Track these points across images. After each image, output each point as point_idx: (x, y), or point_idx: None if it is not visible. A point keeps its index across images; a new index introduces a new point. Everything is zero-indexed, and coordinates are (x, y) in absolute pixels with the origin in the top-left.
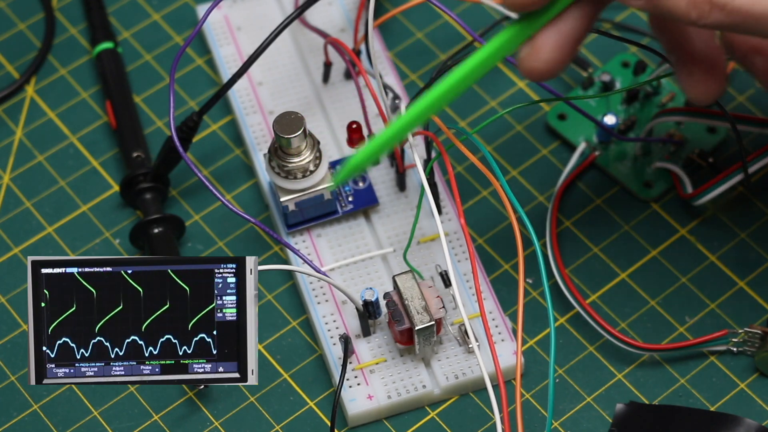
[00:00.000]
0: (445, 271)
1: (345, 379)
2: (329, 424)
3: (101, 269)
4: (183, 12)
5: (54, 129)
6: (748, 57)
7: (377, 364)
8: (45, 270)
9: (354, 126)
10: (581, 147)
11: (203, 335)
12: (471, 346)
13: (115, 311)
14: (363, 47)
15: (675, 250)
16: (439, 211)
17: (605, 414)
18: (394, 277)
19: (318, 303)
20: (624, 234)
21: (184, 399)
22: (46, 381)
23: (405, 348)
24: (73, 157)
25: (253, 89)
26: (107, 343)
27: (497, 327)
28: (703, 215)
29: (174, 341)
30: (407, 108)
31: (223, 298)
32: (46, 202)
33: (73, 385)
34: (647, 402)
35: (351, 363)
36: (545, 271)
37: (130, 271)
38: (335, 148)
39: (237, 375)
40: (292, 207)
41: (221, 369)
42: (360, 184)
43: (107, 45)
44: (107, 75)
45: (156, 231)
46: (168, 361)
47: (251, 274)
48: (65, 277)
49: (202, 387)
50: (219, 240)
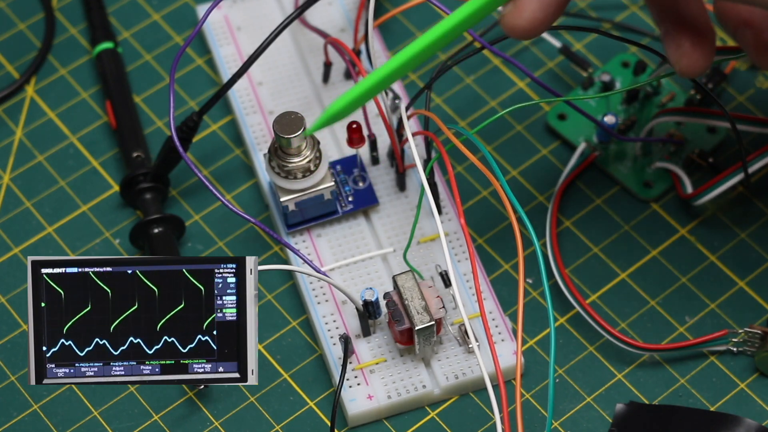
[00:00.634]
0: (445, 271)
1: (345, 379)
2: (329, 424)
3: (101, 269)
4: (183, 12)
5: (54, 129)
6: (738, 30)
7: (377, 364)
8: (45, 270)
9: (354, 126)
10: (581, 147)
11: (203, 335)
12: (471, 346)
13: (115, 311)
14: (363, 47)
15: (675, 250)
16: (439, 211)
17: (605, 414)
18: (394, 277)
19: (318, 303)
20: (624, 234)
21: (184, 399)
22: (46, 381)
23: (405, 348)
24: (73, 157)
25: (253, 89)
26: (107, 343)
27: (497, 327)
28: (703, 215)
29: (174, 341)
30: (390, 59)
31: (223, 298)
32: (46, 202)
33: (73, 385)
34: (647, 402)
35: (351, 363)
36: (545, 271)
37: (130, 271)
38: (335, 148)
39: (237, 375)
40: (292, 207)
41: (221, 369)
42: (360, 184)
43: (107, 45)
44: (107, 75)
45: (156, 231)
46: (168, 361)
47: (251, 274)
48: (65, 277)
49: (202, 387)
50: (219, 240)
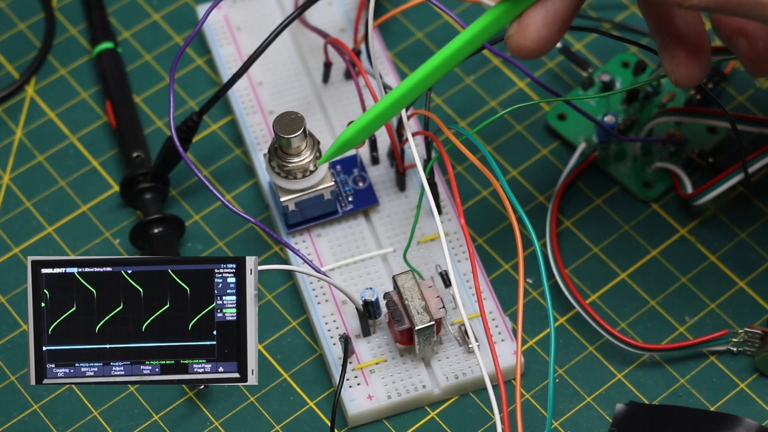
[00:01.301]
0: (445, 271)
1: (345, 379)
2: (329, 424)
3: (101, 269)
4: (183, 12)
5: (54, 129)
6: (732, 39)
7: (377, 364)
8: (45, 270)
9: None
10: (581, 147)
11: (203, 335)
12: (471, 346)
13: (115, 311)
14: (363, 47)
15: (675, 250)
16: (439, 211)
17: (605, 414)
18: (394, 277)
19: (318, 303)
20: (624, 234)
21: (184, 399)
22: (46, 381)
23: (405, 348)
24: (73, 157)
25: (253, 89)
26: (107, 343)
27: (497, 327)
28: (703, 215)
29: (174, 341)
30: (397, 86)
31: (223, 298)
32: (46, 202)
33: (73, 385)
34: (647, 402)
35: (351, 363)
36: (545, 271)
37: (130, 271)
38: None
39: (237, 375)
40: (292, 207)
41: (221, 369)
42: (360, 184)
43: (107, 45)
44: (107, 75)
45: (156, 231)
46: (168, 361)
47: (251, 274)
48: (65, 277)
49: (202, 387)
50: (219, 240)
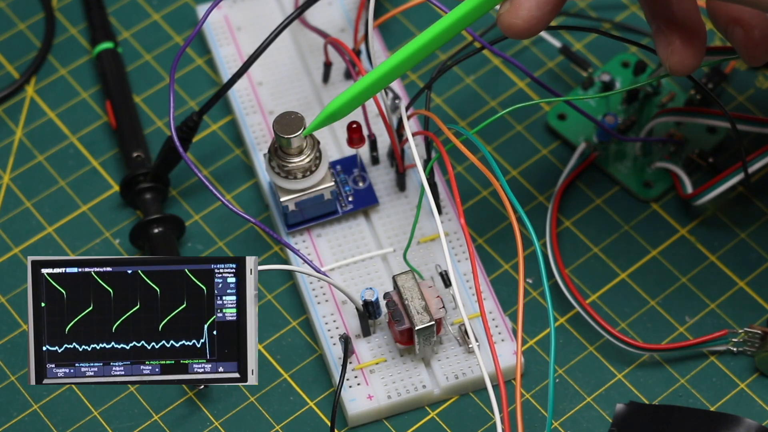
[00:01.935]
0: (445, 271)
1: (345, 379)
2: (329, 424)
3: (101, 269)
4: (183, 12)
5: (54, 129)
6: (728, 28)
7: (377, 364)
8: (45, 270)
9: (354, 126)
10: (581, 147)
11: (203, 335)
12: (471, 346)
13: (115, 311)
14: (363, 47)
15: (675, 250)
16: (439, 211)
17: (605, 414)
18: (394, 277)
19: (318, 303)
20: (624, 234)
21: (184, 399)
22: (46, 381)
23: (405, 348)
24: (73, 157)
25: (253, 89)
26: (107, 343)
27: (497, 327)
28: (703, 215)
29: (174, 341)
30: (388, 57)
31: (223, 298)
32: (46, 202)
33: (73, 385)
34: (647, 402)
35: (351, 363)
36: (545, 271)
37: (130, 271)
38: (335, 148)
39: (237, 375)
40: (292, 207)
41: (221, 369)
42: (360, 184)
43: (107, 45)
44: (107, 75)
45: (156, 231)
46: (168, 361)
47: (251, 274)
48: (65, 277)
49: (202, 387)
50: (219, 240)
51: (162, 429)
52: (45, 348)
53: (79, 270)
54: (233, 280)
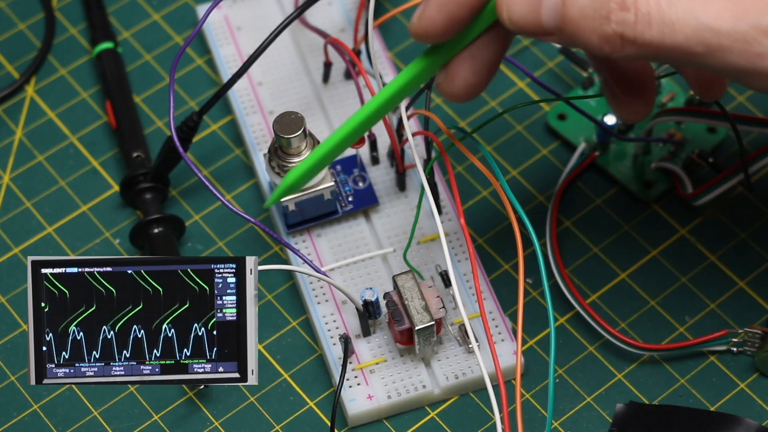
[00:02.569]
0: (445, 271)
1: (345, 379)
2: (329, 424)
3: (101, 269)
4: (183, 12)
5: (54, 129)
6: (679, 64)
7: (377, 364)
8: (45, 270)
9: None
10: (581, 147)
11: (203, 335)
12: (471, 346)
13: (115, 311)
14: (363, 47)
15: (675, 250)
16: (439, 211)
17: (605, 414)
18: (394, 277)
19: (318, 303)
20: (624, 234)
21: (184, 399)
22: (46, 381)
23: (405, 348)
24: (73, 157)
25: (253, 89)
26: (107, 343)
27: (497, 327)
28: (703, 215)
29: (174, 341)
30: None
31: (223, 298)
32: (46, 202)
33: (73, 385)
34: (647, 402)
35: (351, 363)
36: (545, 271)
37: (130, 271)
38: None
39: (237, 375)
40: (292, 207)
41: (221, 369)
42: (360, 184)
43: (107, 45)
44: (107, 75)
45: (156, 231)
46: (168, 361)
47: (251, 274)
48: (65, 277)
49: (202, 387)
50: (219, 240)
51: (162, 429)
52: (45, 348)
53: (79, 270)
54: (233, 280)
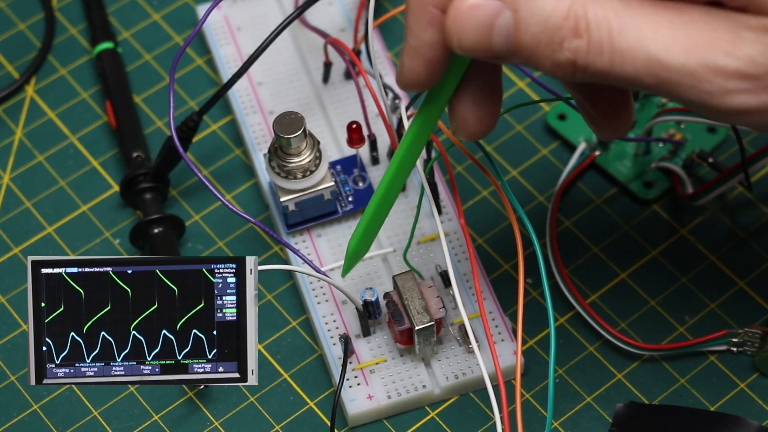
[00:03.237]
0: (445, 271)
1: (345, 379)
2: (329, 424)
3: (101, 269)
4: (183, 12)
5: (54, 129)
6: (580, 103)
7: (377, 364)
8: (45, 270)
9: (354, 126)
10: (581, 147)
11: (203, 335)
12: (471, 346)
13: (116, 311)
14: (363, 47)
15: (675, 250)
16: (439, 211)
17: (605, 414)
18: (394, 277)
19: (318, 303)
20: (624, 234)
21: (184, 399)
22: (46, 381)
23: (405, 348)
24: (73, 157)
25: (253, 89)
26: (107, 343)
27: (497, 327)
28: (703, 215)
29: (174, 341)
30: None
31: (223, 298)
32: (46, 202)
33: (73, 385)
34: (647, 402)
35: (351, 363)
36: (545, 271)
37: (130, 271)
38: (335, 148)
39: (237, 375)
40: (292, 207)
41: (221, 369)
42: (360, 184)
43: (107, 45)
44: (107, 75)
45: (156, 231)
46: (168, 361)
47: (251, 274)
48: (65, 277)
49: (202, 387)
50: (219, 240)
51: (162, 429)
52: (45, 348)
53: (79, 270)
54: (233, 280)
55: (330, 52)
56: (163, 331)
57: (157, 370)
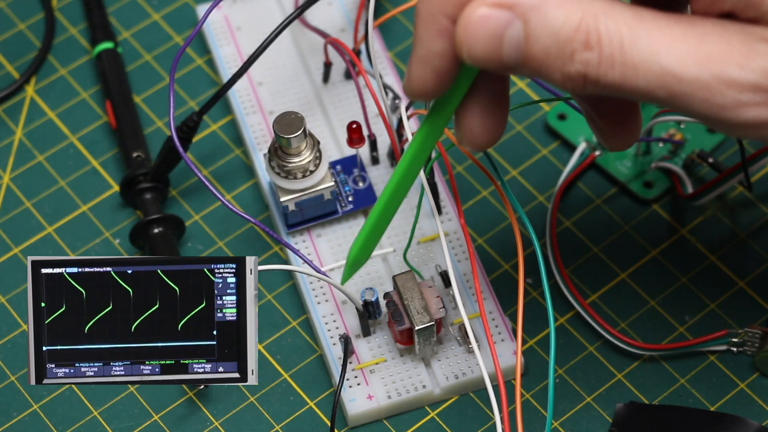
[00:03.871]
0: (445, 271)
1: (345, 379)
2: (329, 424)
3: (101, 269)
4: (183, 12)
5: (54, 129)
6: (589, 115)
7: (377, 364)
8: (45, 270)
9: (354, 126)
10: (581, 147)
11: (203, 335)
12: (471, 346)
13: (116, 311)
14: (363, 47)
15: (675, 250)
16: (439, 211)
17: (605, 414)
18: (394, 277)
19: (318, 303)
20: (624, 234)
21: (184, 399)
22: (46, 381)
23: (405, 348)
24: (73, 157)
25: (253, 89)
26: (107, 343)
27: (497, 327)
28: (703, 215)
29: (174, 341)
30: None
31: (223, 298)
32: (46, 202)
33: (73, 385)
34: (647, 402)
35: (351, 363)
36: (545, 271)
37: (130, 271)
38: (335, 148)
39: (237, 375)
40: (292, 207)
41: (221, 369)
42: (360, 184)
43: (107, 45)
44: (107, 75)
45: (156, 231)
46: (168, 361)
47: (251, 274)
48: (66, 277)
49: (202, 387)
50: (219, 240)
51: (162, 429)
52: (45, 348)
53: (79, 270)
54: (233, 280)
55: (330, 52)
56: (163, 331)
57: (157, 370)
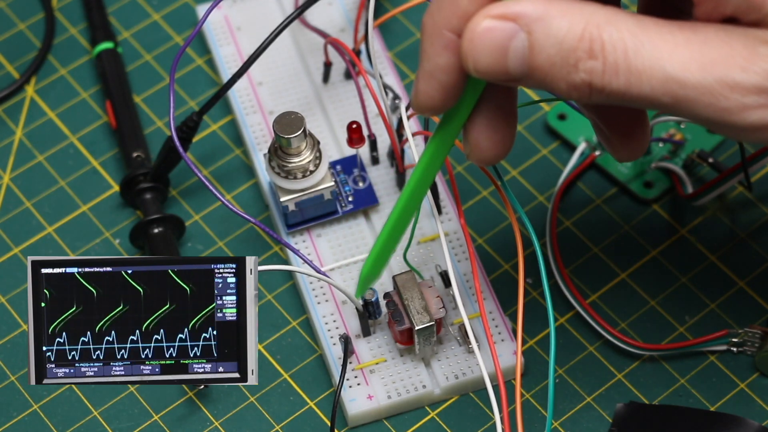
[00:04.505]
0: (445, 271)
1: (345, 379)
2: (329, 424)
3: (101, 269)
4: (183, 12)
5: (54, 129)
6: (596, 125)
7: (377, 364)
8: (45, 270)
9: (354, 126)
10: (581, 147)
11: (203, 335)
12: (471, 346)
13: (116, 311)
14: (363, 47)
15: (675, 250)
16: (439, 211)
17: (605, 414)
18: (394, 277)
19: (318, 303)
20: (624, 234)
21: (184, 399)
22: (46, 381)
23: (405, 348)
24: (73, 157)
25: (253, 89)
26: (107, 344)
27: (497, 327)
28: (703, 215)
29: (174, 341)
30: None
31: (223, 298)
32: (46, 202)
33: (73, 385)
34: (647, 402)
35: (351, 363)
36: (545, 271)
37: (130, 271)
38: (335, 148)
39: (237, 375)
40: (292, 207)
41: (221, 369)
42: (360, 184)
43: (107, 45)
44: (107, 75)
45: (156, 231)
46: (168, 361)
47: (251, 274)
48: (65, 277)
49: (202, 387)
50: (219, 240)
51: (162, 429)
52: (45, 348)
53: (79, 270)
54: (233, 280)
55: (330, 52)
56: (163, 331)
57: (157, 370)
